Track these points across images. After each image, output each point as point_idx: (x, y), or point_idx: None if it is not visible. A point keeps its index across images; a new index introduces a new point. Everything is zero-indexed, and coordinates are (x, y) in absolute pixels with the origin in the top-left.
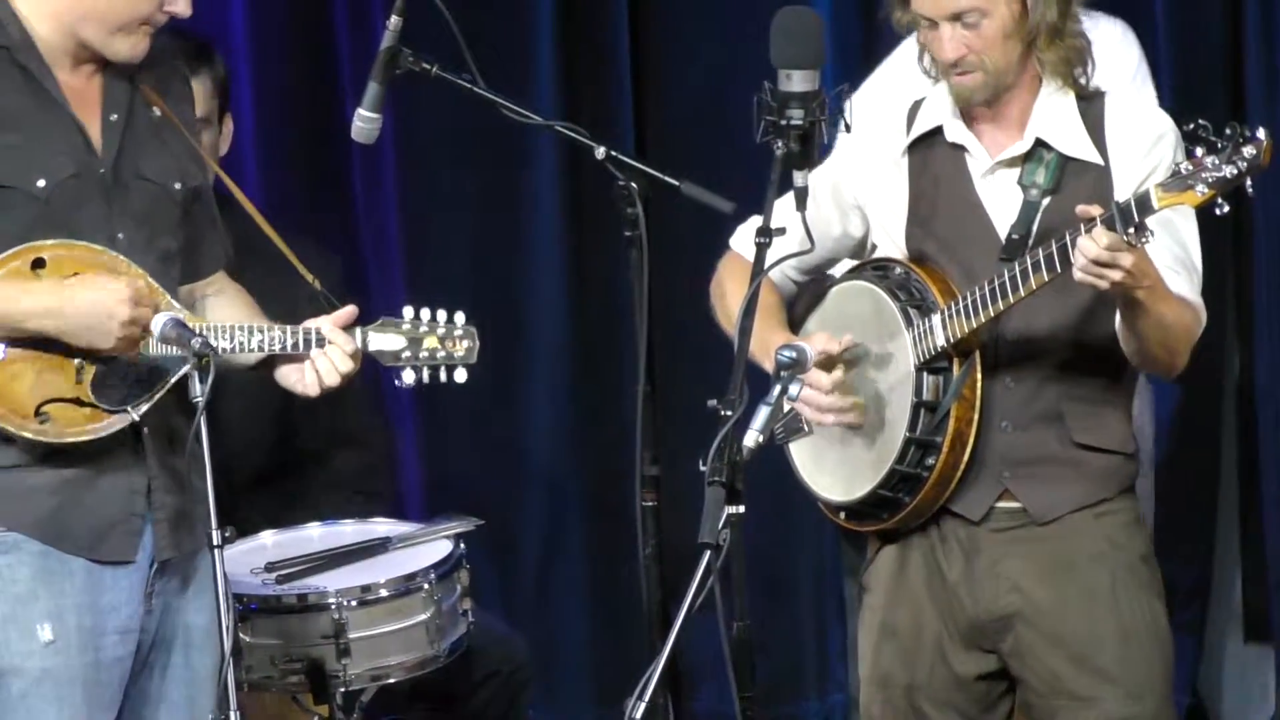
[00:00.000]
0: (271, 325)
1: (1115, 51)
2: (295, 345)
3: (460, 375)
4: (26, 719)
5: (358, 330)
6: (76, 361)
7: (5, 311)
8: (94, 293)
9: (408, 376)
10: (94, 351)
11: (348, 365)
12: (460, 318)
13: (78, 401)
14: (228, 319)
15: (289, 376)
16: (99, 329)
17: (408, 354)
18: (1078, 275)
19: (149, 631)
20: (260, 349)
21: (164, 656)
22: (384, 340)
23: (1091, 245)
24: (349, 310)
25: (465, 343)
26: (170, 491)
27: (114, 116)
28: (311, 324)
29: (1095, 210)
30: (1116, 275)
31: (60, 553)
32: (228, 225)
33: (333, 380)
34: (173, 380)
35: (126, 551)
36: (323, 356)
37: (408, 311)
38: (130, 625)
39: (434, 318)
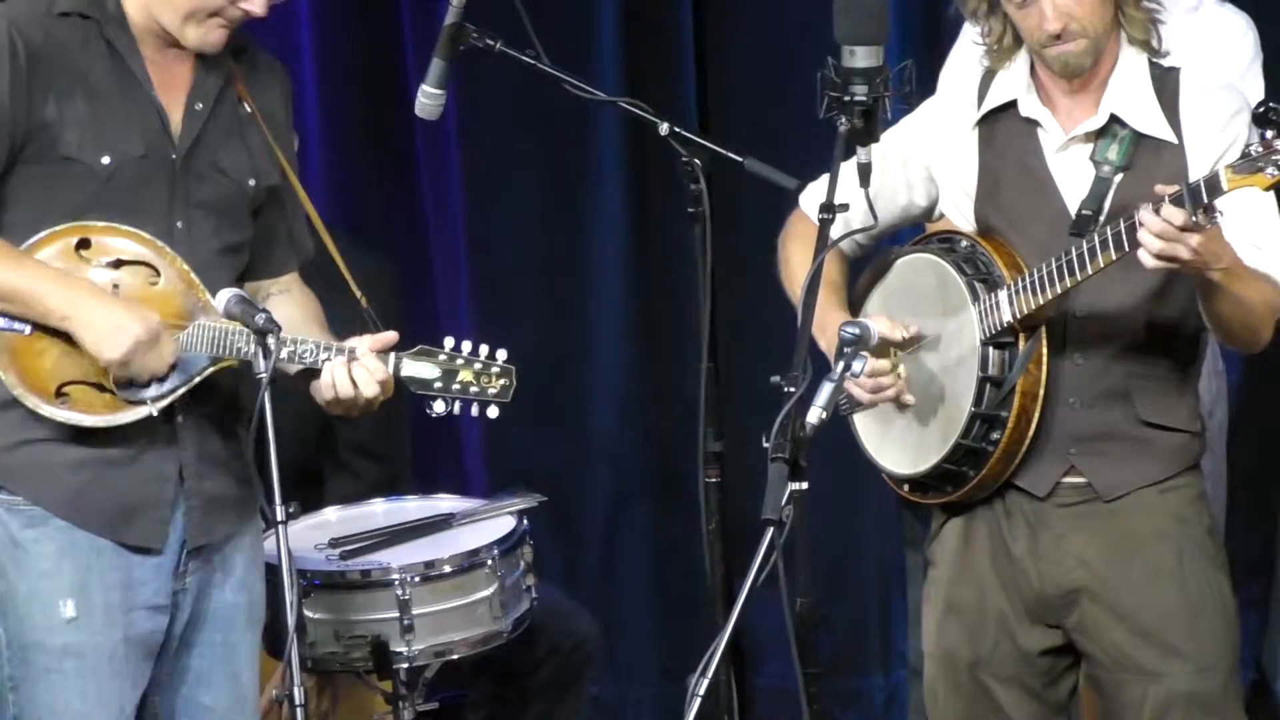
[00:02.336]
0: (306, 339)
1: (1233, 43)
2: (326, 361)
3: (492, 412)
4: (50, 695)
5: (392, 356)
6: None
7: (36, 296)
8: (122, 309)
9: (438, 406)
10: (99, 359)
11: (373, 390)
12: (501, 355)
13: (99, 387)
14: (288, 322)
15: (319, 391)
16: (109, 341)
17: (440, 385)
18: (1146, 260)
19: (185, 609)
20: (290, 359)
21: (202, 634)
22: (418, 368)
23: (1157, 222)
24: (387, 336)
25: (501, 381)
26: (205, 476)
27: (199, 105)
28: (348, 344)
29: (1169, 189)
30: (1185, 254)
31: (87, 531)
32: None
33: (347, 394)
34: (197, 379)
35: (153, 538)
36: (344, 368)
37: (448, 342)
38: (159, 601)
39: (474, 351)
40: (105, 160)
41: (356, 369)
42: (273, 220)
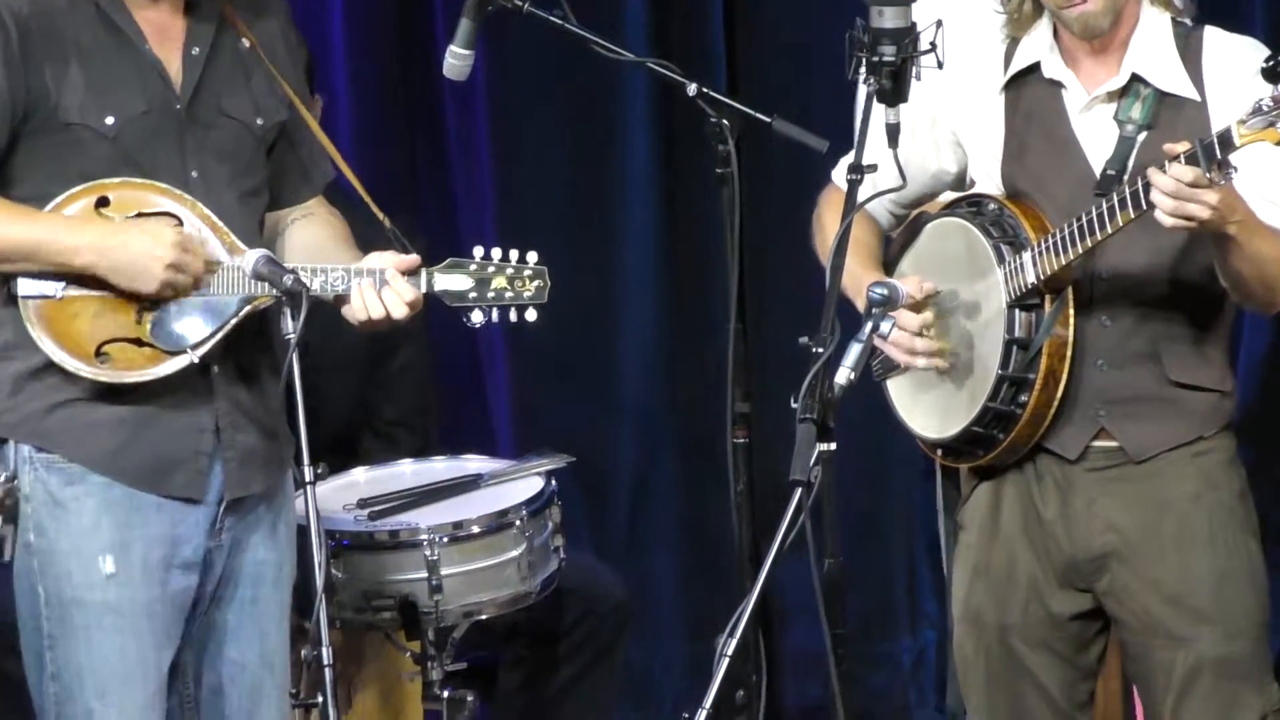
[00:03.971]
0: (335, 267)
1: None
2: (356, 287)
3: (530, 315)
4: (88, 652)
5: (423, 271)
6: (138, 301)
7: (56, 246)
8: (140, 236)
9: (476, 317)
10: (138, 294)
11: (402, 312)
12: (532, 257)
13: (138, 342)
14: (308, 243)
15: (346, 312)
16: (142, 273)
17: (474, 294)
18: (1162, 217)
19: (217, 566)
20: (323, 290)
21: (234, 591)
22: (451, 281)
23: (1169, 181)
24: (411, 258)
25: (535, 282)
26: (241, 429)
27: (195, 50)
28: (372, 260)
29: (1180, 147)
30: (1203, 213)
31: (127, 486)
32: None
33: (379, 315)
34: (233, 322)
35: (193, 490)
36: (373, 291)
37: (477, 252)
38: (195, 559)
39: (504, 257)
40: (109, 121)
41: (386, 293)
42: (286, 154)
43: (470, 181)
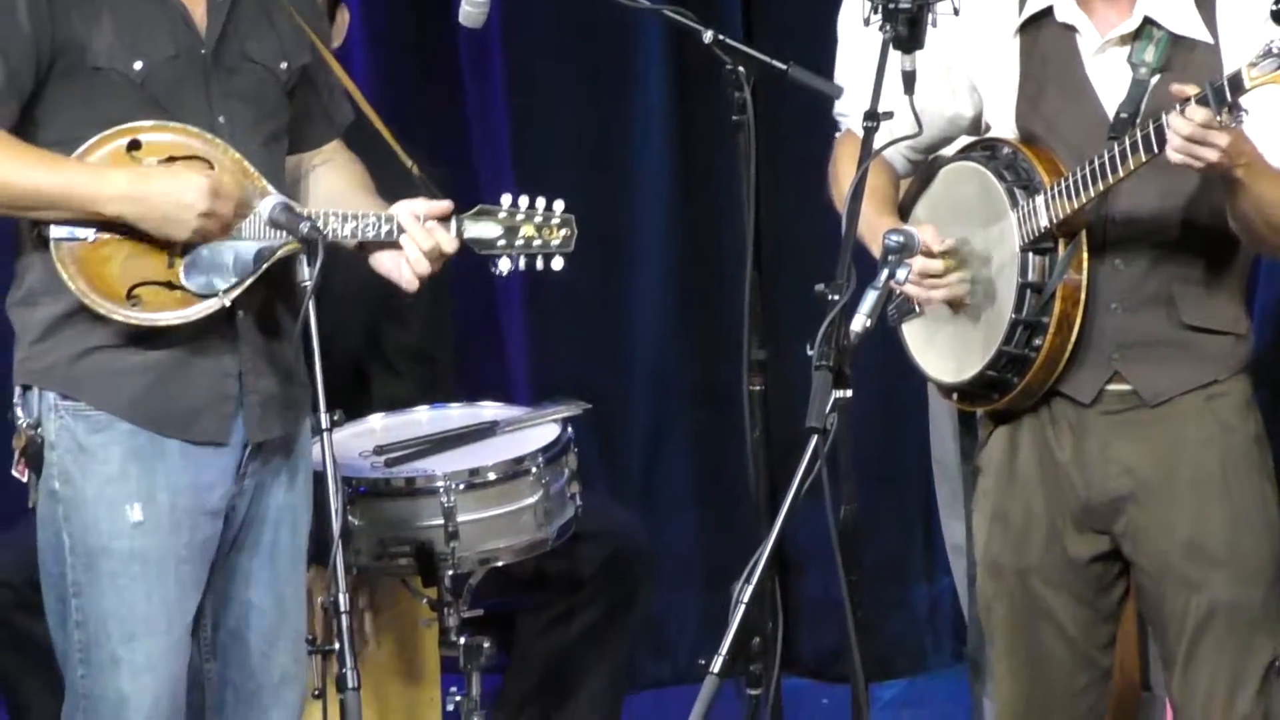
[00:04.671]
0: (367, 214)
1: None
2: (390, 234)
3: (557, 264)
4: (116, 599)
5: (453, 220)
6: (169, 245)
7: (86, 195)
8: (172, 183)
9: (503, 265)
10: (170, 240)
11: (440, 261)
12: (559, 205)
13: (169, 285)
14: (331, 190)
15: (383, 263)
16: (174, 219)
17: (503, 242)
18: (1172, 156)
19: (239, 511)
20: (354, 235)
21: (254, 535)
22: (480, 228)
23: (1184, 124)
24: (444, 205)
25: (563, 231)
26: (264, 375)
27: None
28: (403, 206)
29: (1190, 90)
30: (1212, 155)
31: (153, 433)
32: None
33: (423, 270)
34: (264, 266)
35: (219, 434)
36: (412, 245)
37: (505, 199)
38: (221, 506)
39: (531, 205)
40: (137, 66)
41: (427, 242)
42: (308, 97)
43: (485, 132)
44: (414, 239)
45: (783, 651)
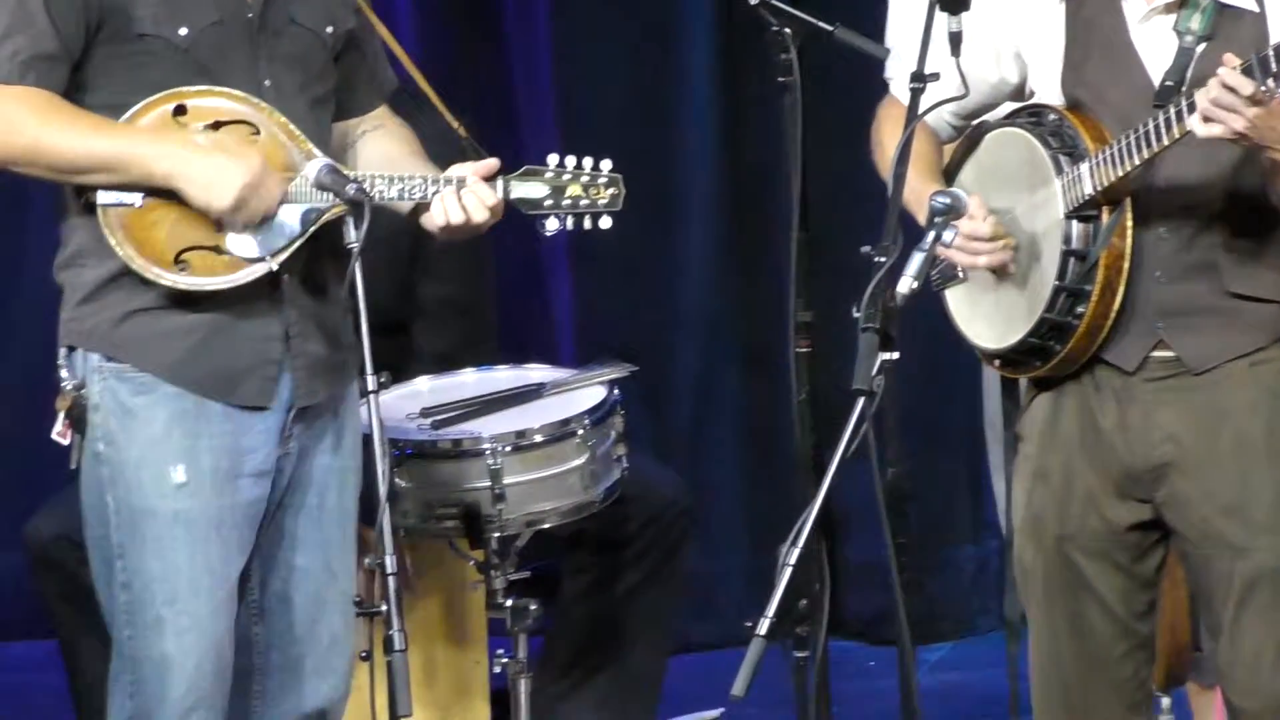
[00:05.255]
0: (413, 175)
1: None
2: (436, 195)
3: (605, 223)
4: (160, 561)
5: (500, 180)
6: None
7: (135, 161)
8: (222, 156)
9: (551, 224)
10: (211, 211)
11: (483, 215)
12: (606, 165)
13: (216, 250)
14: (382, 156)
15: (425, 220)
16: (217, 189)
17: (550, 202)
18: (1199, 127)
19: (285, 474)
20: (401, 197)
21: (301, 498)
22: (527, 189)
23: (1212, 87)
24: (491, 162)
25: (610, 190)
26: (310, 338)
27: None
28: (454, 172)
29: (1235, 60)
30: (1238, 123)
31: (197, 396)
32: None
33: (459, 221)
34: (311, 229)
35: (262, 397)
36: (454, 196)
37: (552, 159)
38: (265, 468)
39: (579, 165)
40: (183, 32)
41: (467, 196)
42: (354, 62)
43: (530, 94)
44: (480, 197)
45: (829, 614)
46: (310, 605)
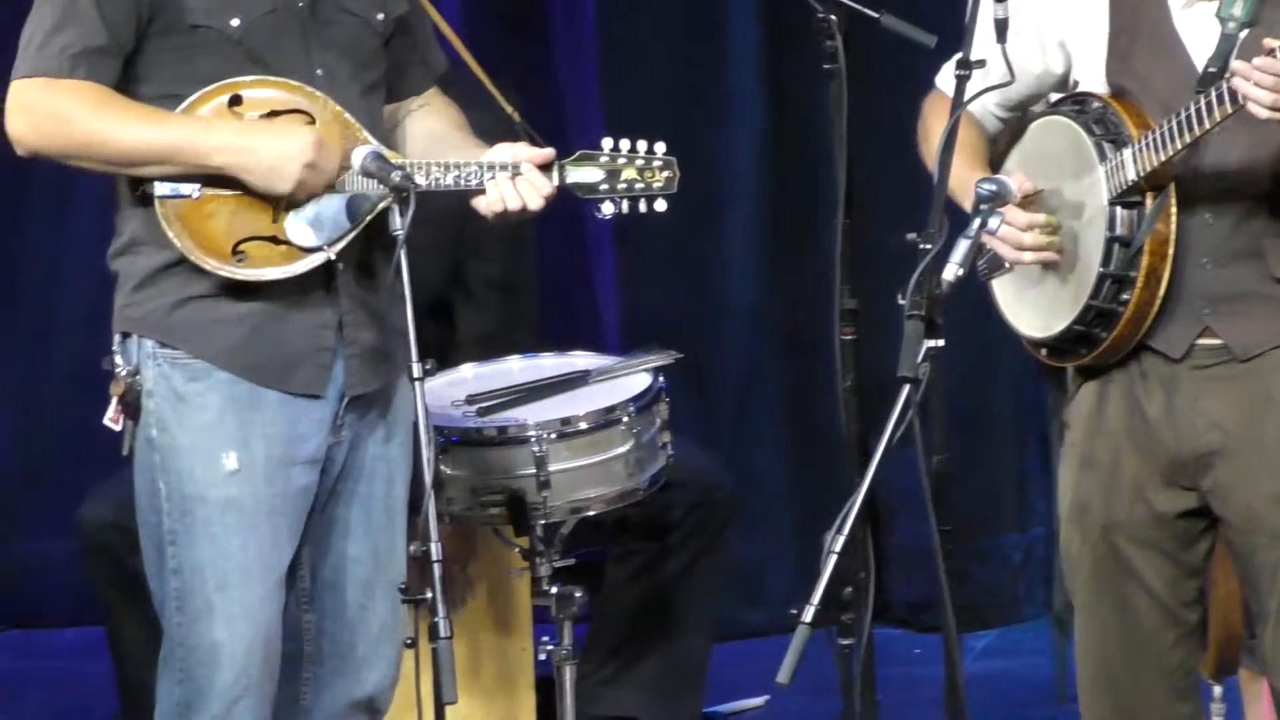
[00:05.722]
0: (468, 162)
1: None
2: (491, 181)
3: (660, 205)
4: (211, 547)
5: (555, 165)
6: (274, 199)
7: (193, 147)
8: (277, 137)
9: (606, 209)
10: (272, 194)
11: (538, 204)
12: (660, 148)
13: (274, 240)
14: (429, 134)
15: (478, 204)
16: (278, 171)
17: (605, 186)
18: (1256, 111)
19: (337, 461)
20: (456, 184)
21: (352, 486)
22: (582, 173)
23: (1262, 75)
24: (548, 152)
25: (665, 173)
26: (363, 327)
27: None
28: (505, 153)
29: (1274, 42)
30: (1266, 99)
31: (250, 383)
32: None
33: (515, 208)
34: (369, 218)
35: (316, 385)
36: (510, 184)
37: (606, 143)
38: (317, 456)
39: (633, 148)
40: (235, 22)
41: (523, 185)
42: (404, 46)
43: (575, 79)
44: (534, 186)
45: (874, 601)
46: (360, 593)
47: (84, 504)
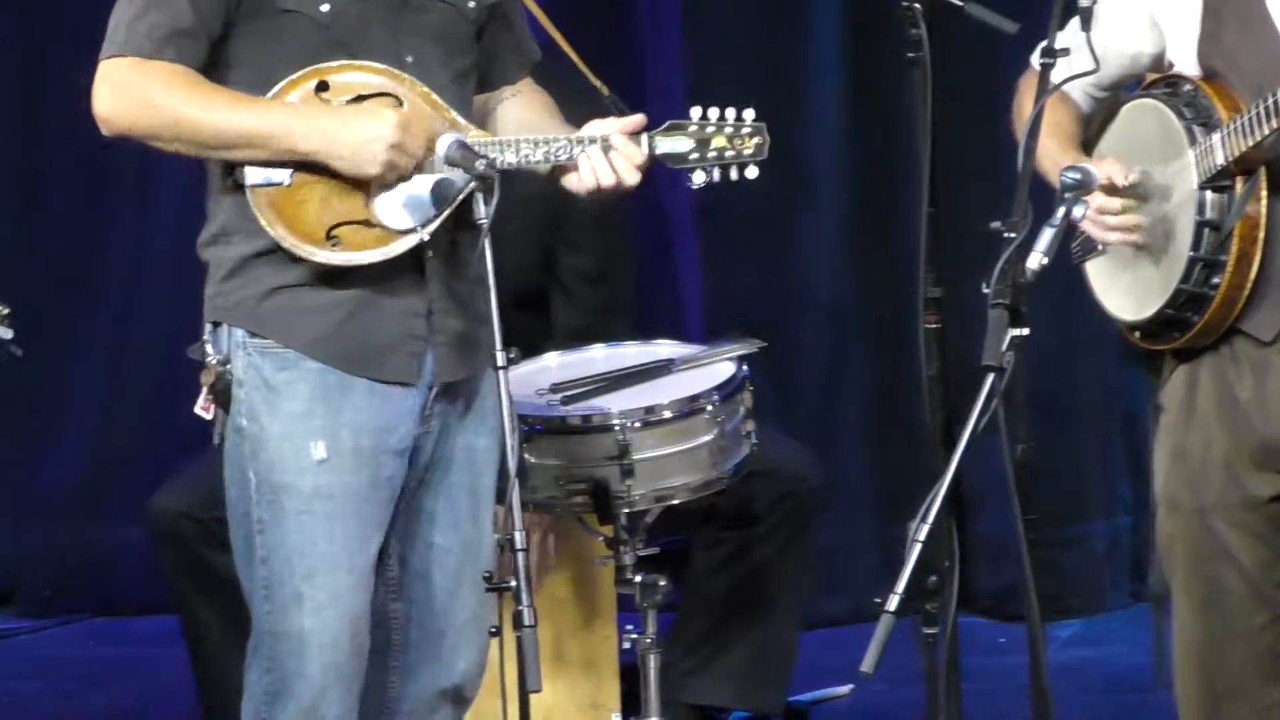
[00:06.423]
0: (557, 136)
1: None
2: (583, 155)
3: (751, 172)
4: (300, 536)
5: (644, 137)
6: (364, 183)
7: (280, 131)
8: (361, 120)
9: (698, 178)
10: (360, 177)
11: (634, 177)
12: (749, 114)
13: (366, 223)
14: (519, 122)
15: (571, 183)
16: (364, 155)
17: (695, 155)
18: None
19: (426, 451)
20: (546, 160)
21: (441, 475)
22: (672, 144)
23: None
24: (637, 118)
25: (755, 139)
26: (452, 315)
27: None
28: (596, 129)
29: None
30: None
31: (340, 372)
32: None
33: (609, 183)
34: (456, 202)
35: (407, 374)
36: (602, 157)
37: (694, 112)
38: (405, 445)
39: (721, 116)
40: (324, 8)
41: (616, 158)
42: (498, 34)
43: (658, 64)
44: (626, 156)
45: (959, 590)
46: (449, 583)
47: (157, 493)
